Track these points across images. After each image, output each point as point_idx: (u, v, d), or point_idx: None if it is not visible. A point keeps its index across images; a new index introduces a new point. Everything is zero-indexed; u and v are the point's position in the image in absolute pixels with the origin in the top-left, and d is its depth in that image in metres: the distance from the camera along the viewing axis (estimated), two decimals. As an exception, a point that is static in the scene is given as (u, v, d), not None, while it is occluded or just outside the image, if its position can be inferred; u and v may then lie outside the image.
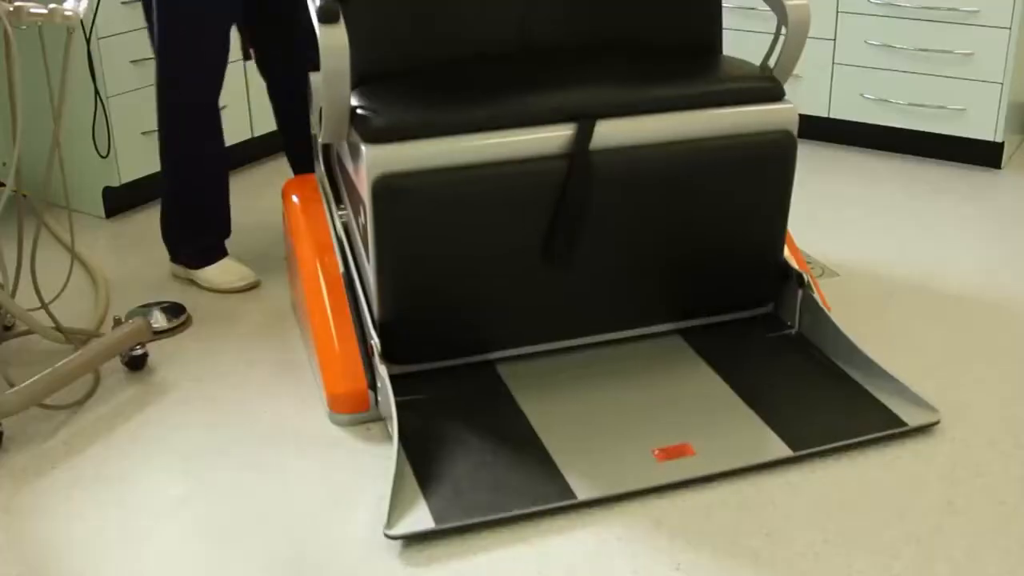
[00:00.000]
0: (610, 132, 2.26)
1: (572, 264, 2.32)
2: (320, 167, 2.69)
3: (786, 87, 2.42)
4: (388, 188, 2.16)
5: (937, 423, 2.22)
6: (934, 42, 3.63)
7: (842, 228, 3.26)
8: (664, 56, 2.52)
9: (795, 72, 3.87)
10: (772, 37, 2.51)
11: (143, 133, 3.39)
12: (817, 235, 3.21)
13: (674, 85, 2.33)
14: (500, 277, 2.29)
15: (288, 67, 2.98)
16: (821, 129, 3.98)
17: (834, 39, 3.79)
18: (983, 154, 3.72)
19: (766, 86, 2.38)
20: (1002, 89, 3.55)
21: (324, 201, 2.63)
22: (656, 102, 2.30)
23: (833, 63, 3.82)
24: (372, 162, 2.16)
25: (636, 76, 2.38)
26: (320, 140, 2.34)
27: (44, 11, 2.30)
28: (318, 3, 2.17)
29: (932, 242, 3.15)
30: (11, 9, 2.25)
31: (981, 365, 2.50)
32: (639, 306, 2.44)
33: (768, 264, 2.50)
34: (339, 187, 2.60)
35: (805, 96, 3.90)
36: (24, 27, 2.31)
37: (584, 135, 2.23)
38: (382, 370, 2.22)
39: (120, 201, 3.47)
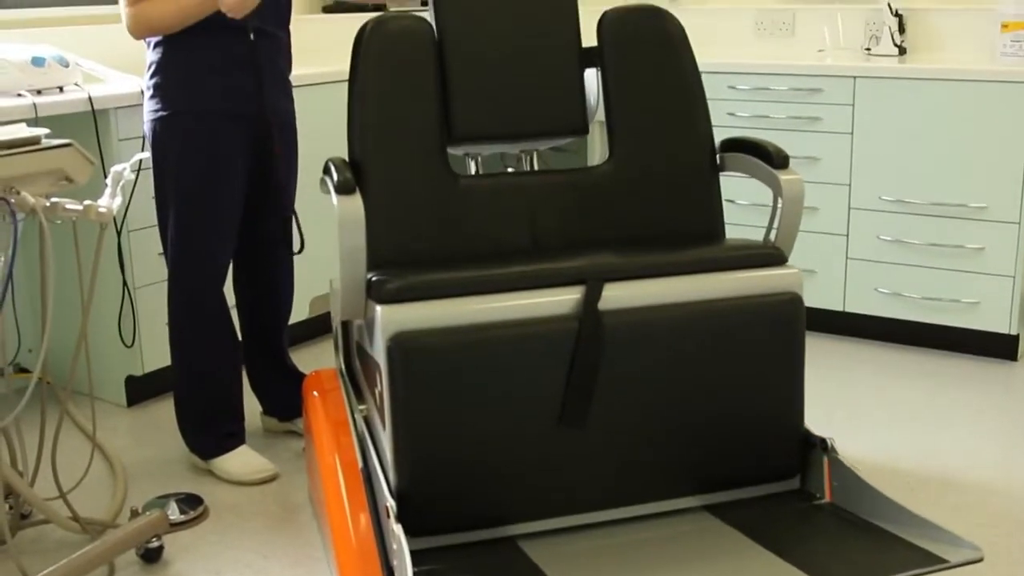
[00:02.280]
0: (619, 295, 2.32)
1: (589, 428, 2.32)
2: (340, 360, 2.72)
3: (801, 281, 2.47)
4: (402, 347, 2.19)
5: (981, 559, 2.13)
6: (945, 237, 3.69)
7: (860, 422, 3.26)
8: (669, 236, 2.66)
9: (810, 267, 3.93)
10: (769, 212, 2.60)
11: (167, 323, 3.44)
12: (835, 430, 3.20)
13: (679, 252, 2.44)
14: (517, 440, 2.28)
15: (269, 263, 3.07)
16: (836, 323, 4.01)
17: (847, 235, 3.86)
18: (998, 346, 3.74)
19: (768, 252, 2.47)
20: (1014, 282, 3.60)
21: (343, 390, 2.64)
22: (662, 267, 2.39)
23: (847, 258, 3.88)
24: (386, 321, 2.20)
25: (642, 246, 2.50)
26: (337, 319, 2.38)
27: (79, 207, 2.37)
28: (336, 178, 2.27)
29: (951, 436, 3.14)
30: (47, 204, 2.33)
31: (1006, 565, 2.45)
32: (661, 476, 2.41)
33: (787, 432, 2.48)
34: (359, 381, 2.62)
35: (820, 290, 3.96)
36: (59, 222, 2.38)
37: (593, 295, 2.29)
38: (397, 530, 2.14)
39: (142, 390, 3.49)
